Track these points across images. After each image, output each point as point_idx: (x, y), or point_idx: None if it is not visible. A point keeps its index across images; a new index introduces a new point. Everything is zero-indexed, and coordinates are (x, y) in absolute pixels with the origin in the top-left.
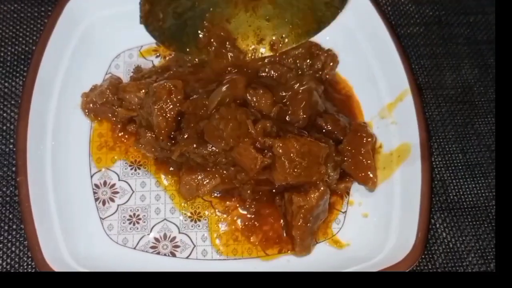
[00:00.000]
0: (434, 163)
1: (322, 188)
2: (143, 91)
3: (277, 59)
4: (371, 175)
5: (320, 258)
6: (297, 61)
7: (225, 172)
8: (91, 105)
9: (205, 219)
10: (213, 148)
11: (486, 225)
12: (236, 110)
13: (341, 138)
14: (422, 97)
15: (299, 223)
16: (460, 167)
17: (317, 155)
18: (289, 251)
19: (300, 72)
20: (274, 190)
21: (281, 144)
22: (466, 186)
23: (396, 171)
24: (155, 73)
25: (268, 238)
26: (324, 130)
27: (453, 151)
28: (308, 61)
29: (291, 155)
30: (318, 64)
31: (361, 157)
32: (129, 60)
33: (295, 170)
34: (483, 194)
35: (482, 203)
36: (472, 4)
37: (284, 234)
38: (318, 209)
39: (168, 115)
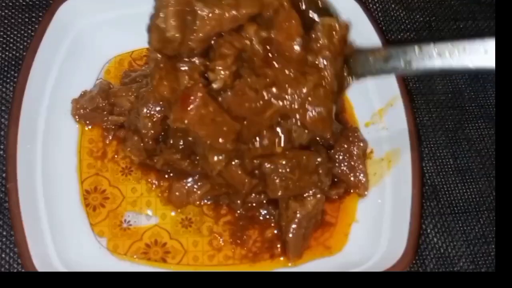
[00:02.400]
0: (425, 168)
1: (318, 196)
2: (134, 95)
3: None
4: (362, 181)
5: (310, 264)
6: None
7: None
8: (81, 111)
9: (196, 225)
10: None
11: (477, 230)
12: None
13: (332, 143)
14: (412, 102)
15: (294, 229)
16: (451, 172)
17: (306, 165)
18: (281, 261)
19: None
20: (266, 201)
21: (268, 165)
22: (457, 191)
23: (387, 177)
24: (145, 77)
25: (256, 252)
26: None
27: (444, 156)
28: None
29: (280, 171)
30: None
31: (352, 163)
32: (120, 65)
33: (287, 186)
34: (474, 199)
35: (473, 208)
36: (462, 10)
37: (277, 243)
38: (313, 215)
39: (155, 118)
